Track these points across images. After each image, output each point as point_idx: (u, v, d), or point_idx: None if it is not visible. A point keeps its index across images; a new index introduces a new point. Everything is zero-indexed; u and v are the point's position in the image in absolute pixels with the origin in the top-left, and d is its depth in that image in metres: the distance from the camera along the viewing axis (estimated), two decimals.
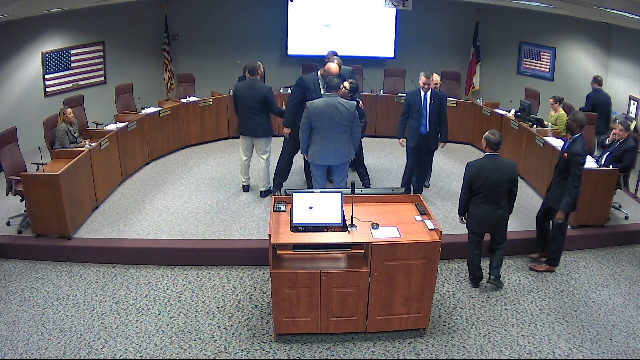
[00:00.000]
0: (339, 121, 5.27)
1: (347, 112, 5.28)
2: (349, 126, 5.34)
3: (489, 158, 4.67)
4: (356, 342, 4.26)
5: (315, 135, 5.36)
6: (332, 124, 5.27)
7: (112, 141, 6.60)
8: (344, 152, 5.44)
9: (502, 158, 4.73)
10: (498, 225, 4.79)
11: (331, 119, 5.26)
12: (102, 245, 5.47)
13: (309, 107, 5.29)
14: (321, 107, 5.26)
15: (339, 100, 5.30)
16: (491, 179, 4.59)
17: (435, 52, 10.39)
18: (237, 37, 10.30)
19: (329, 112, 5.25)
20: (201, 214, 6.12)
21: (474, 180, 4.66)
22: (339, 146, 5.38)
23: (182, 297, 4.85)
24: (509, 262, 5.43)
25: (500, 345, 4.28)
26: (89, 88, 8.90)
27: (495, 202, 4.66)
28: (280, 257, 4.14)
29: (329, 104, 5.26)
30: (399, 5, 9.43)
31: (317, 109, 5.26)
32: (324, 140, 5.34)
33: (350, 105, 5.34)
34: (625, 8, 5.31)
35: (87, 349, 4.14)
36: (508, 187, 4.65)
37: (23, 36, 7.96)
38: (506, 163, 4.68)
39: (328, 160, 5.45)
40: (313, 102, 5.35)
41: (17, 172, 5.65)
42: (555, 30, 9.34)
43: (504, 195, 4.68)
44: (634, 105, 7.88)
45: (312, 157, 5.48)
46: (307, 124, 5.34)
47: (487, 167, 4.64)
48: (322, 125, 5.29)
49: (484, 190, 4.65)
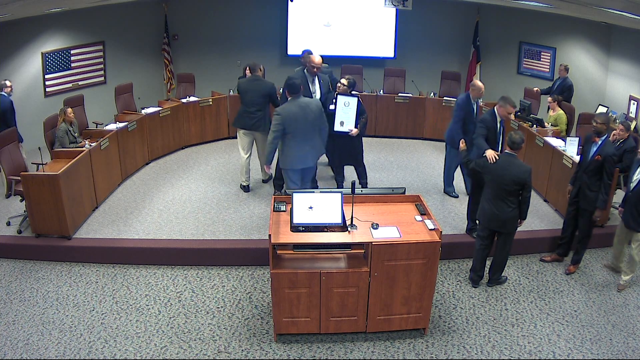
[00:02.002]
0: (311, 122, 5.24)
1: (316, 111, 5.28)
2: (318, 124, 5.34)
3: (505, 156, 4.69)
4: (356, 342, 4.26)
5: (291, 141, 5.21)
6: (307, 126, 5.21)
7: (112, 141, 6.60)
8: (318, 151, 5.48)
9: (518, 160, 4.66)
10: (503, 226, 4.74)
11: (306, 120, 5.20)
12: (102, 245, 5.47)
13: (282, 113, 5.12)
14: (295, 111, 5.16)
15: (306, 101, 5.28)
16: (500, 177, 4.60)
17: (435, 52, 10.39)
18: (237, 37, 10.30)
19: (303, 114, 5.19)
20: (201, 214, 6.12)
21: (485, 171, 4.69)
22: (315, 146, 5.38)
23: (182, 297, 4.85)
24: (509, 262, 5.42)
25: (500, 345, 4.28)
26: (89, 88, 8.90)
27: (502, 201, 4.63)
28: (280, 257, 4.14)
29: (299, 106, 5.19)
30: (399, 5, 9.43)
31: (292, 113, 5.15)
32: (301, 143, 5.23)
33: (317, 103, 5.41)
34: (625, 8, 5.31)
35: (87, 349, 4.14)
36: (515, 190, 4.58)
37: (23, 36, 7.95)
38: (519, 165, 4.60)
39: (307, 162, 5.38)
40: (284, 107, 5.23)
41: (17, 172, 5.66)
42: (555, 30, 9.34)
43: (512, 196, 4.60)
44: (634, 105, 7.88)
45: (291, 163, 5.29)
46: (280, 131, 5.13)
47: (500, 164, 4.65)
48: (297, 128, 5.17)
49: (492, 186, 4.66)
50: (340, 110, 6.04)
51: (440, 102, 8.73)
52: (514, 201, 4.63)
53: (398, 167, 7.64)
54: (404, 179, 7.26)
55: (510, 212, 4.66)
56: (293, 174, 5.39)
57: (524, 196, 4.62)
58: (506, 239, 4.84)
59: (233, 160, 7.73)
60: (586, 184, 5.02)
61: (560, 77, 8.23)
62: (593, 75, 8.96)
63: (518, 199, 4.64)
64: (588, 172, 5.00)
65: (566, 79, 8.14)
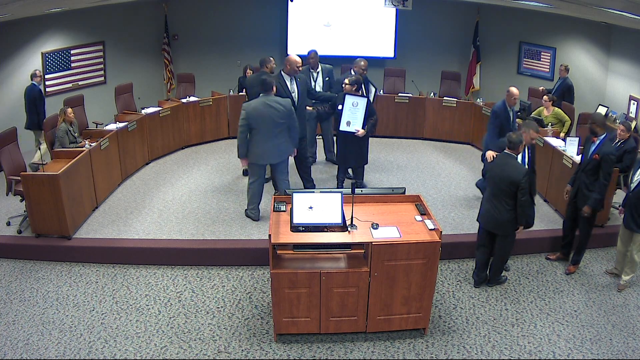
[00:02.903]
0: (277, 120, 5.38)
1: (283, 110, 5.40)
2: (286, 124, 5.47)
3: (502, 156, 4.68)
4: (356, 342, 4.26)
5: (256, 136, 5.43)
6: (271, 124, 5.38)
7: (112, 141, 6.60)
8: (283, 149, 5.61)
9: (515, 160, 4.63)
10: (498, 227, 4.72)
11: (270, 118, 5.36)
12: (102, 245, 5.47)
13: (247, 109, 5.35)
14: (259, 108, 5.34)
15: (275, 99, 5.41)
16: (496, 176, 4.60)
17: (435, 52, 10.38)
18: (237, 37, 10.29)
19: (267, 112, 5.34)
20: (201, 214, 6.11)
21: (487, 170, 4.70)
22: (279, 144, 5.52)
23: (182, 297, 4.85)
24: (509, 262, 5.42)
25: (500, 345, 4.28)
26: (89, 88, 8.91)
27: (499, 201, 4.62)
28: (280, 257, 4.14)
29: (265, 104, 5.35)
30: (399, 5, 9.43)
31: (256, 110, 5.33)
32: (265, 139, 5.43)
33: (286, 103, 5.46)
34: (625, 8, 5.31)
35: (87, 349, 4.14)
36: (511, 191, 4.52)
37: (23, 36, 7.96)
38: (515, 165, 4.57)
39: (270, 159, 5.59)
40: (250, 103, 5.44)
41: (17, 172, 5.66)
42: (555, 30, 9.34)
43: (508, 198, 4.56)
44: (634, 105, 7.88)
45: (255, 158, 5.54)
46: (245, 126, 5.37)
47: (498, 164, 4.65)
48: (261, 125, 5.36)
49: (491, 186, 4.67)
50: (348, 110, 6.01)
51: (440, 102, 8.73)
52: (510, 203, 4.58)
53: (398, 167, 7.64)
54: (404, 179, 7.25)
55: (506, 214, 4.61)
56: (256, 168, 5.66)
57: (520, 199, 4.51)
58: (503, 241, 4.79)
59: (233, 160, 7.71)
60: (585, 184, 5.02)
61: (561, 78, 8.24)
62: (593, 75, 8.96)
63: (515, 202, 4.57)
64: (587, 172, 5.00)
65: (566, 79, 8.15)
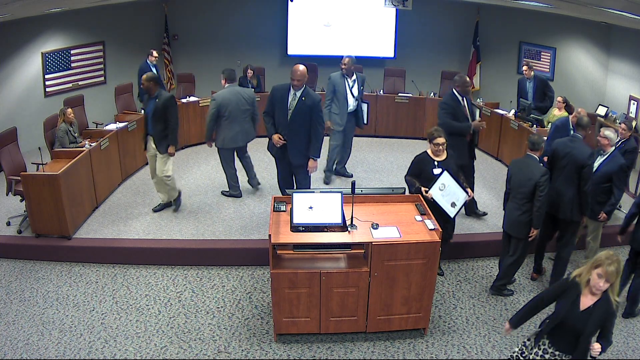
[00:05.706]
0: (243, 107, 6.10)
1: (248, 98, 6.16)
2: (250, 110, 6.18)
3: (525, 157, 4.69)
4: (356, 342, 4.26)
5: (225, 122, 6.05)
6: (238, 111, 6.06)
7: (112, 141, 6.60)
8: (249, 134, 6.28)
9: (535, 161, 4.59)
10: (512, 228, 4.68)
11: (237, 106, 6.05)
12: (102, 245, 5.47)
13: (217, 99, 6.02)
14: (229, 97, 6.04)
15: (239, 89, 6.20)
16: (517, 177, 4.60)
17: (435, 52, 10.39)
18: (237, 37, 10.29)
19: (234, 99, 6.05)
20: (201, 214, 6.11)
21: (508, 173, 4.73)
22: (245, 129, 6.19)
23: (182, 297, 4.85)
24: None
25: (500, 345, 4.28)
26: (89, 88, 8.90)
27: (517, 202, 4.60)
28: (280, 257, 4.14)
29: (233, 92, 6.09)
30: (399, 5, 9.44)
31: (226, 99, 6.02)
32: (233, 125, 6.08)
33: (250, 92, 6.26)
34: (625, 8, 5.31)
35: (87, 349, 4.14)
36: (529, 192, 4.47)
37: (23, 36, 7.95)
38: (535, 165, 4.54)
39: (238, 142, 6.20)
40: (219, 93, 6.10)
41: (17, 172, 5.65)
42: (555, 30, 9.34)
43: (526, 199, 4.52)
44: (634, 105, 7.88)
45: (223, 142, 6.14)
46: (215, 113, 6.01)
47: (518, 165, 4.66)
48: (230, 112, 6.02)
49: (512, 187, 4.68)
50: (443, 195, 4.65)
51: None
52: (527, 206, 4.53)
53: (398, 167, 7.63)
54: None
55: (521, 217, 4.57)
56: (226, 153, 6.27)
57: (538, 198, 4.42)
58: (517, 244, 4.70)
59: None
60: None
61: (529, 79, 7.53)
62: (593, 75, 8.96)
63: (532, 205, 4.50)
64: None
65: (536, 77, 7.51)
